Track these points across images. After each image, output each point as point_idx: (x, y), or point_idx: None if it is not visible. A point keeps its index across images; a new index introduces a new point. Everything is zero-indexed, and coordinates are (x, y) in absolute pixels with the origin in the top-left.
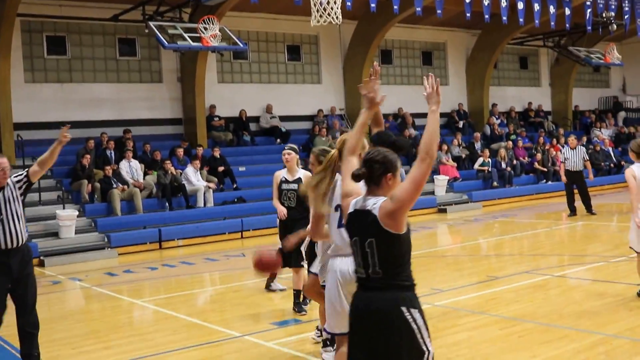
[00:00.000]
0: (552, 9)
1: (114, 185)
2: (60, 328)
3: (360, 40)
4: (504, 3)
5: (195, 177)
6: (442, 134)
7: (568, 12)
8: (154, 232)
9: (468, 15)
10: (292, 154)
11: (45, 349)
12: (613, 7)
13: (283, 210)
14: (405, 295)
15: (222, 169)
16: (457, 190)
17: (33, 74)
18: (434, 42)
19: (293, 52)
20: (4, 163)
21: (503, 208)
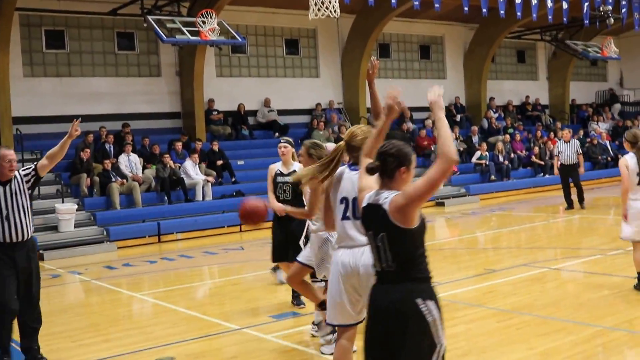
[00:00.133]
0: (549, 3)
1: (113, 179)
2: (60, 321)
3: (358, 34)
4: None
5: (194, 170)
6: None
7: (565, 5)
8: (153, 225)
9: (466, 9)
10: (288, 147)
11: (45, 342)
12: (610, 1)
13: (280, 207)
14: (421, 287)
15: (220, 163)
16: (454, 184)
17: (32, 68)
18: (432, 35)
19: (291, 45)
20: (11, 155)
21: (500, 201)
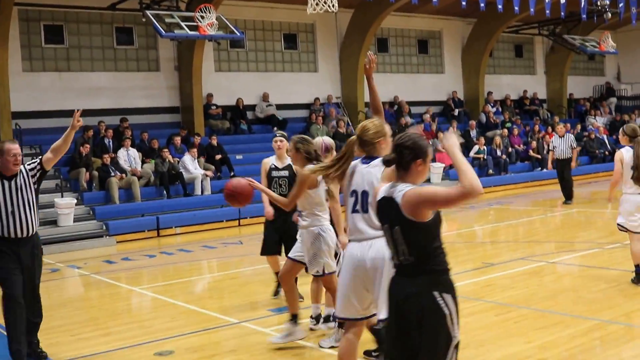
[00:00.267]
0: None
1: (112, 174)
2: (59, 315)
3: (357, 29)
4: None
5: (193, 165)
6: (438, 122)
7: (563, 0)
8: (152, 220)
9: (463, 4)
10: (284, 142)
11: (44, 336)
12: None
13: (271, 212)
14: (438, 280)
15: (219, 157)
16: (452, 178)
17: (31, 63)
18: (430, 30)
19: (289, 40)
20: (16, 150)
21: (498, 195)
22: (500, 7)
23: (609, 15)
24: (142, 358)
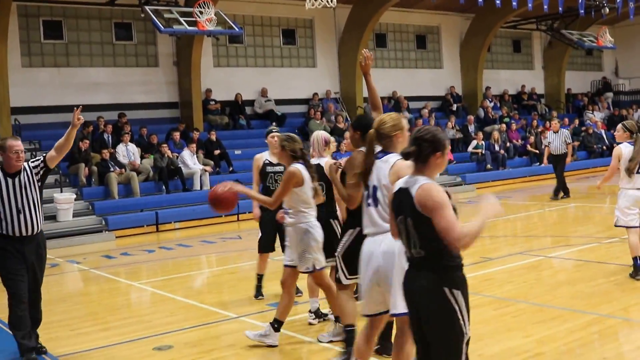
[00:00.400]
0: None
1: (111, 169)
2: (59, 310)
3: (355, 24)
4: None
5: (192, 160)
6: (436, 117)
7: None
8: (151, 215)
9: None
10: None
11: (44, 331)
12: None
13: (257, 213)
14: (448, 275)
15: (218, 152)
16: (451, 173)
17: (30, 59)
18: (428, 25)
19: (288, 35)
20: (18, 146)
21: (496, 190)
22: (498, 2)
23: (607, 10)
24: (141, 353)
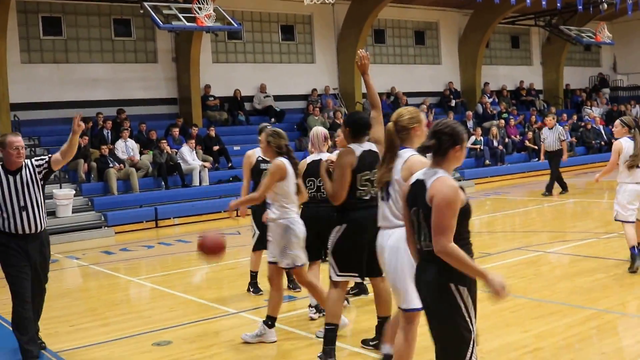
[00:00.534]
0: None
1: (111, 165)
2: (58, 306)
3: (354, 20)
4: None
5: (191, 156)
6: (435, 113)
7: None
8: (150, 210)
9: None
10: None
11: (43, 326)
12: None
13: (245, 212)
14: (455, 271)
15: (217, 148)
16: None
17: (29, 55)
18: (427, 21)
19: (287, 32)
20: (18, 142)
21: (495, 186)
22: None
23: (605, 6)
24: (140, 348)
